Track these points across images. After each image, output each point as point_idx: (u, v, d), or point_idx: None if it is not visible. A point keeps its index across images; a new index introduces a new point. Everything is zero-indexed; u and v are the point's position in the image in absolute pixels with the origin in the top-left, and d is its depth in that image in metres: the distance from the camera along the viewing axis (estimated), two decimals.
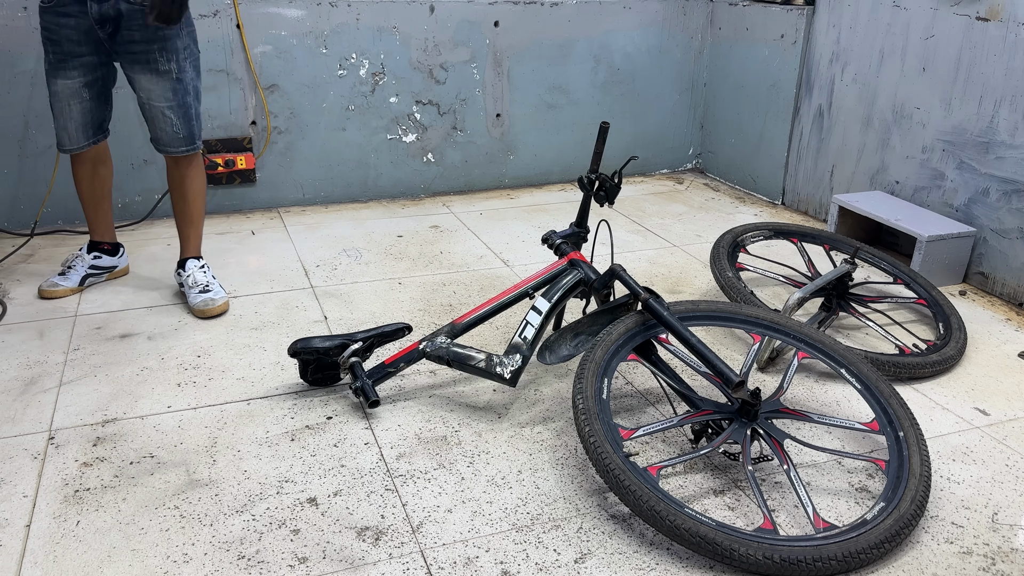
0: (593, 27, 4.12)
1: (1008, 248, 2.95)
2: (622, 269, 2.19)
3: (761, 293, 2.96)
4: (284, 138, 3.73)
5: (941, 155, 3.19)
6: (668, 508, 1.64)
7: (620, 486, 1.69)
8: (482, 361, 2.14)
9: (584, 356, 1.98)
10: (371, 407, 2.16)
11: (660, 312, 2.04)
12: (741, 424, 1.92)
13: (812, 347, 2.14)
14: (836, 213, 3.41)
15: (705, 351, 1.96)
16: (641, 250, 3.42)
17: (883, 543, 1.66)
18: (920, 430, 1.94)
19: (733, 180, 4.39)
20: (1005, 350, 2.61)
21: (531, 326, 2.18)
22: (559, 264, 2.35)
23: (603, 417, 1.83)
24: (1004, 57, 2.90)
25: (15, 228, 3.41)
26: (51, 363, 2.39)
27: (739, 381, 1.87)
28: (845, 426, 1.99)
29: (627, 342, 2.06)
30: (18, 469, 1.92)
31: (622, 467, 1.71)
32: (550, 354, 2.14)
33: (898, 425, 1.95)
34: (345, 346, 2.21)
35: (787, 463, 1.84)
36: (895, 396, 2.02)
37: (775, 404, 2.00)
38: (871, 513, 1.73)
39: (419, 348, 2.21)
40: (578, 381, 1.91)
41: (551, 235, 2.44)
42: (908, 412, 1.98)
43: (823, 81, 3.71)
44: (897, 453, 1.89)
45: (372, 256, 3.27)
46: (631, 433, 1.87)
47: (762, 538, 1.62)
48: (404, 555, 1.68)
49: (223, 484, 1.88)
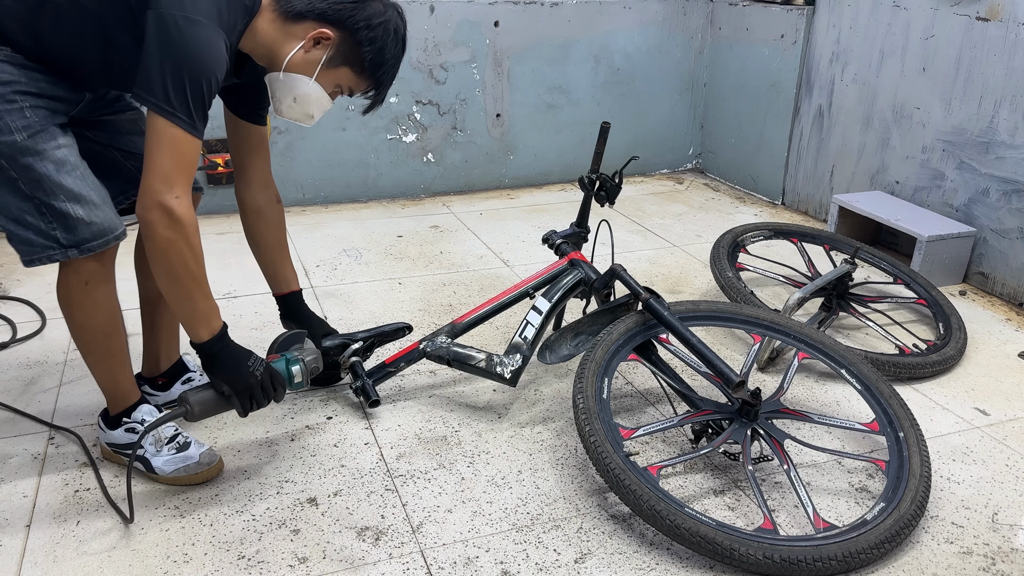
0: (593, 27, 4.12)
1: (1008, 248, 2.95)
2: (622, 269, 2.19)
3: (761, 293, 2.96)
4: (284, 138, 3.73)
5: (941, 155, 3.19)
6: (668, 508, 1.64)
7: (620, 485, 1.69)
8: (482, 361, 2.14)
9: (584, 356, 1.98)
10: (371, 407, 2.16)
11: (660, 312, 2.04)
12: (741, 424, 1.92)
13: (812, 347, 2.14)
14: (836, 213, 3.41)
15: (705, 351, 1.96)
16: (641, 250, 3.42)
17: (883, 543, 1.66)
18: (920, 431, 1.94)
19: (733, 180, 4.39)
20: (1005, 350, 2.61)
21: (531, 326, 2.18)
22: (559, 264, 2.35)
23: (603, 416, 1.83)
24: (1004, 57, 2.89)
25: None
26: (51, 363, 2.39)
27: (739, 381, 1.87)
28: (845, 426, 1.99)
29: (627, 342, 2.06)
30: (18, 469, 1.92)
31: (623, 466, 1.71)
32: (550, 353, 2.14)
33: (898, 426, 1.95)
34: (346, 346, 2.21)
35: (787, 463, 1.84)
36: (895, 396, 2.02)
37: (775, 404, 2.00)
38: (871, 513, 1.73)
39: (419, 348, 2.21)
40: (578, 381, 1.91)
41: (551, 235, 2.44)
42: (908, 413, 1.98)
43: (823, 81, 3.71)
44: (897, 453, 1.89)
45: (372, 256, 3.27)
46: (631, 433, 1.87)
47: (762, 538, 1.62)
48: (404, 555, 1.68)
49: (223, 484, 1.88)
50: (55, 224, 1.66)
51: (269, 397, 1.80)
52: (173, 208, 1.57)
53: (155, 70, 1.53)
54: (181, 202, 1.58)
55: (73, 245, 1.68)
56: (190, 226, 1.60)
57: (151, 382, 2.09)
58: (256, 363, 1.77)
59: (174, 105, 1.55)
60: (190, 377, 2.12)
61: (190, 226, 1.60)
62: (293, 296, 2.17)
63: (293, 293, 2.17)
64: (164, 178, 1.56)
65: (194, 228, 1.62)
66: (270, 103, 1.83)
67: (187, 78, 1.54)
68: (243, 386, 1.75)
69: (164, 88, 1.53)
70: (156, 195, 1.56)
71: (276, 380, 1.82)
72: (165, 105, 1.54)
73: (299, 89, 1.75)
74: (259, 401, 1.78)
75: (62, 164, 1.65)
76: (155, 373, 2.09)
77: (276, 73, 1.75)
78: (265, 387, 1.78)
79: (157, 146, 1.56)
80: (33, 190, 1.63)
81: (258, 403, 1.78)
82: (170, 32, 1.53)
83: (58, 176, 1.64)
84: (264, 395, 1.78)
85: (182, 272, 1.63)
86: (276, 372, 1.82)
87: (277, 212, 2.10)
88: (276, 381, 1.81)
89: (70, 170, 1.66)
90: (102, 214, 1.70)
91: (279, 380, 1.83)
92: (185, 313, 1.70)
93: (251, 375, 1.75)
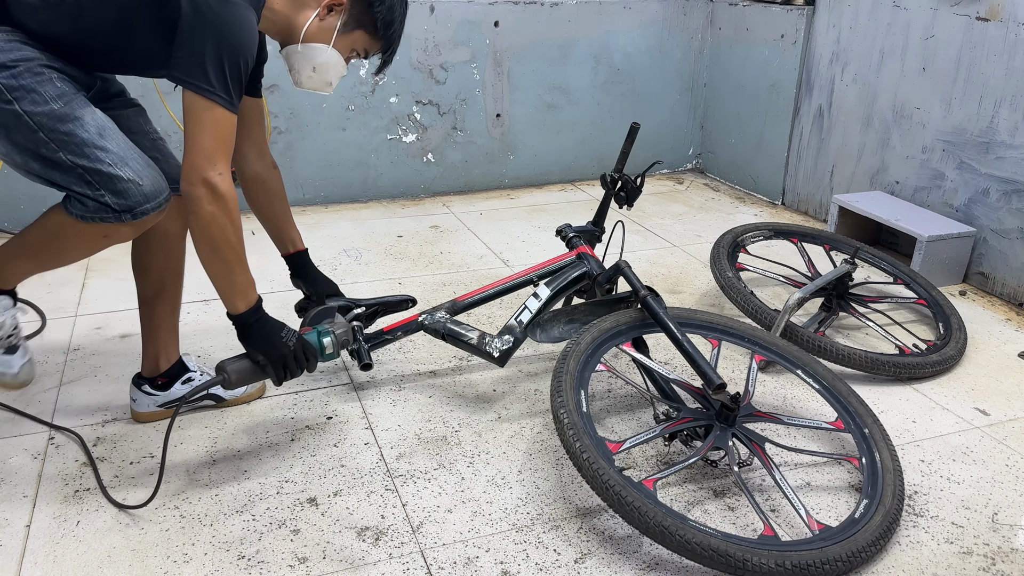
0: (593, 27, 4.12)
1: (1008, 248, 2.95)
2: (628, 266, 2.18)
3: (761, 293, 2.95)
4: (284, 138, 3.73)
5: (941, 155, 3.19)
6: (675, 523, 1.58)
7: (623, 504, 1.61)
8: (474, 339, 2.16)
9: (558, 368, 1.89)
10: (363, 369, 2.14)
11: (656, 310, 2.03)
12: (722, 430, 1.88)
13: (767, 350, 2.13)
14: (836, 213, 3.41)
15: (693, 351, 1.93)
16: (641, 250, 3.42)
17: (879, 539, 1.67)
18: (882, 425, 1.96)
19: (733, 180, 4.39)
20: (1005, 350, 2.61)
21: (528, 311, 2.20)
22: (567, 256, 2.36)
23: (590, 431, 1.74)
24: (1004, 57, 2.89)
25: (15, 228, 3.41)
26: (51, 363, 2.39)
27: (719, 384, 1.85)
28: (813, 426, 1.99)
29: (613, 337, 2.03)
30: (18, 469, 1.92)
31: (622, 484, 1.63)
32: (541, 332, 2.15)
33: (861, 422, 1.96)
34: (349, 308, 2.25)
35: (771, 467, 1.83)
36: (853, 394, 2.03)
37: (747, 408, 1.97)
38: (858, 511, 1.74)
39: (418, 320, 2.24)
40: (557, 394, 1.81)
41: (566, 228, 2.46)
42: (868, 409, 2.01)
43: (823, 81, 3.71)
44: (867, 450, 1.90)
45: (372, 256, 3.27)
46: (619, 446, 1.78)
47: (770, 546, 1.60)
48: (404, 555, 1.68)
49: (223, 484, 1.88)
50: (102, 190, 1.67)
51: (302, 367, 1.86)
52: (216, 184, 1.63)
53: (194, 52, 1.59)
54: (223, 178, 1.65)
55: (126, 210, 1.69)
56: (231, 201, 1.67)
57: (151, 382, 2.10)
58: (289, 335, 1.84)
59: (213, 85, 1.60)
60: (190, 377, 2.12)
61: (231, 201, 1.67)
62: (300, 255, 2.24)
63: (300, 252, 2.23)
64: (207, 155, 1.63)
65: (235, 203, 1.68)
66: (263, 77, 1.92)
67: (225, 58, 1.60)
68: (277, 356, 1.81)
69: (203, 69, 1.59)
70: (200, 172, 1.62)
71: (308, 351, 1.88)
72: (205, 85, 1.60)
73: (318, 58, 1.81)
74: (292, 371, 1.84)
75: (103, 129, 1.68)
76: (155, 374, 2.09)
77: (294, 45, 1.81)
78: (298, 357, 1.84)
79: (198, 125, 1.62)
80: (76, 159, 1.64)
81: (291, 372, 1.84)
82: (205, 13, 1.59)
83: (101, 140, 1.66)
84: (297, 365, 1.84)
85: (224, 245, 1.69)
86: (308, 343, 1.89)
87: (275, 177, 2.15)
88: (308, 352, 1.88)
89: (113, 135, 1.69)
90: (149, 177, 1.71)
91: (311, 351, 1.89)
92: (224, 285, 1.75)
93: (285, 345, 1.81)
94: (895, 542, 1.75)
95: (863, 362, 2.34)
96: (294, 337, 1.84)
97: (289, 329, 1.85)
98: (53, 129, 1.62)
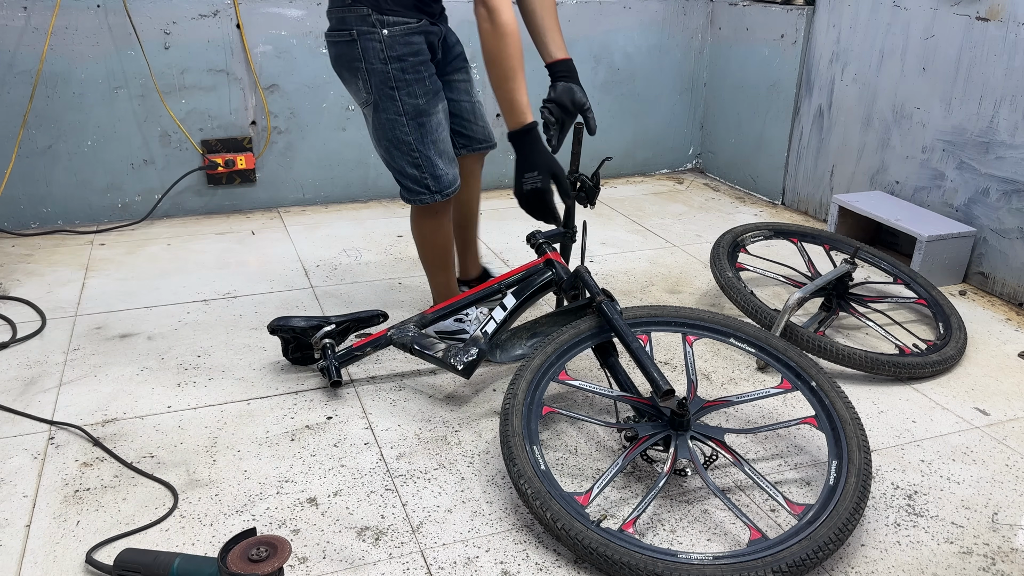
0: (593, 27, 4.12)
1: (1008, 248, 2.95)
2: (586, 271, 2.17)
3: (761, 293, 2.96)
4: (284, 138, 3.73)
5: (941, 155, 3.19)
6: (667, 566, 1.54)
7: (610, 562, 1.56)
8: (440, 351, 2.17)
9: (504, 430, 1.80)
10: (332, 386, 2.22)
11: (609, 315, 2.01)
12: (679, 437, 1.85)
13: (695, 327, 2.09)
14: (836, 213, 3.41)
15: (643, 357, 1.90)
16: (641, 250, 3.42)
17: (859, 504, 1.68)
18: (827, 374, 1.94)
19: (733, 180, 4.39)
20: (1005, 350, 2.61)
21: (493, 321, 2.20)
22: (535, 263, 2.34)
23: (555, 492, 1.67)
24: (1004, 57, 2.90)
25: (15, 228, 3.41)
26: (51, 363, 2.39)
27: (667, 390, 1.82)
28: (762, 395, 1.96)
29: (570, 350, 2.01)
30: (18, 469, 1.92)
31: (603, 541, 1.58)
32: (501, 352, 2.15)
33: (806, 376, 1.93)
34: (319, 327, 2.27)
35: (739, 460, 1.81)
36: (791, 348, 2.00)
37: (697, 403, 1.94)
38: (831, 476, 1.74)
39: (387, 335, 2.26)
40: (511, 463, 1.73)
41: (535, 234, 2.42)
42: (809, 360, 1.97)
43: (823, 81, 3.71)
44: (820, 404, 1.89)
45: (372, 256, 3.27)
46: (588, 498, 1.72)
47: (762, 552, 1.58)
48: (404, 555, 1.68)
49: (223, 484, 1.89)
50: (426, 174, 2.21)
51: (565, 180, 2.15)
52: (493, 7, 1.96)
53: None
54: (502, 3, 1.96)
55: (438, 191, 2.25)
56: (506, 26, 1.97)
57: (467, 283, 2.70)
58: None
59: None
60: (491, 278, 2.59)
61: (506, 26, 1.97)
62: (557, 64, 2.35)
63: (556, 62, 2.36)
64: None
65: (509, 27, 1.97)
66: None
67: None
68: (551, 166, 2.10)
69: None
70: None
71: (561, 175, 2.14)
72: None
73: None
74: (562, 180, 2.13)
75: (440, 124, 2.21)
76: (467, 277, 2.73)
77: None
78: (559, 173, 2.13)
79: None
80: (418, 145, 2.18)
81: (561, 183, 2.12)
82: None
83: (437, 132, 2.20)
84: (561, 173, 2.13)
85: (498, 60, 2.00)
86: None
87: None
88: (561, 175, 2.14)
89: (445, 129, 2.23)
90: (455, 167, 2.28)
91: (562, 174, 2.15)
92: (501, 95, 2.04)
93: (553, 158, 2.12)
94: (895, 542, 1.75)
95: (863, 362, 2.34)
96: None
97: None
98: (415, 118, 2.16)
